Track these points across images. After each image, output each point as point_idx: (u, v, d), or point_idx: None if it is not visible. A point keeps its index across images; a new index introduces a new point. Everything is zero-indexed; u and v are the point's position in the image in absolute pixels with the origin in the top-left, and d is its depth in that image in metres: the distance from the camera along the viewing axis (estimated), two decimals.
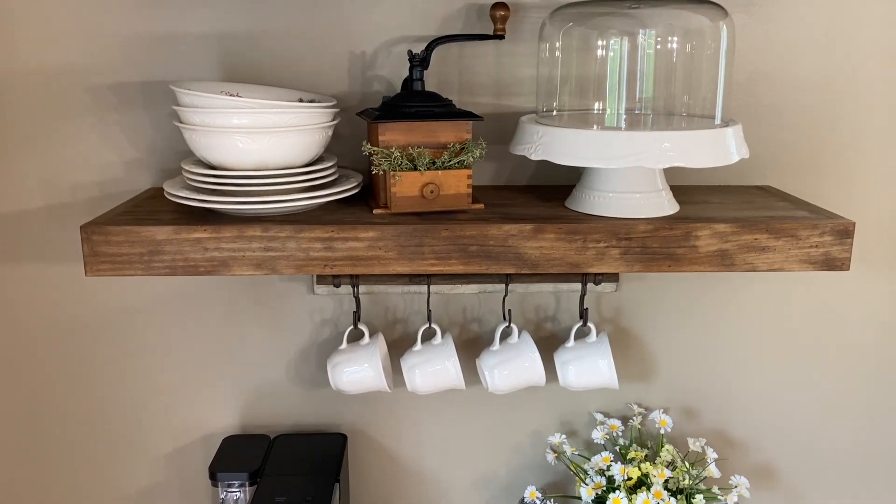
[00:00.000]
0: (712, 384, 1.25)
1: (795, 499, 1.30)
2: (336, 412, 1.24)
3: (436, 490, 1.28)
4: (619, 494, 1.05)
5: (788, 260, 0.94)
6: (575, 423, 1.26)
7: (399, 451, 1.26)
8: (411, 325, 1.21)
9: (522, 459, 1.27)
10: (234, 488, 1.10)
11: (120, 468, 1.25)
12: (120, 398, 1.23)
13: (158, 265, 0.92)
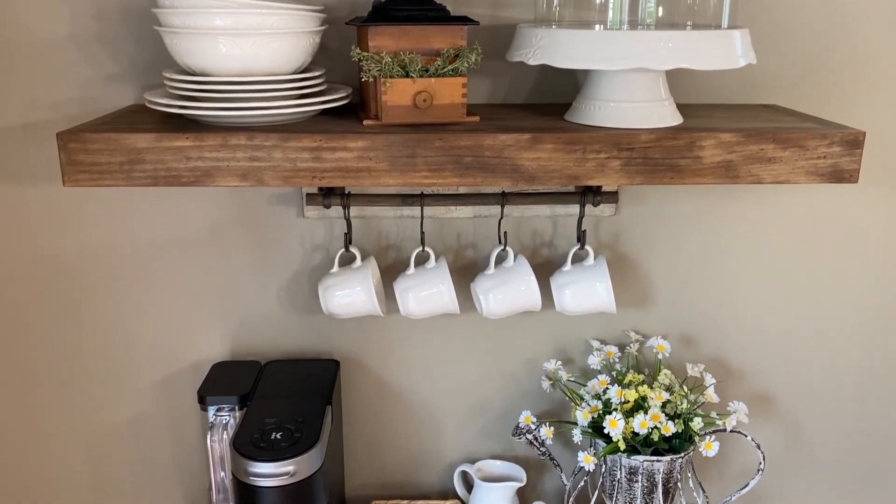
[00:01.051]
0: (711, 312, 1.23)
1: (793, 427, 1.29)
2: (328, 339, 1.22)
3: (429, 418, 1.27)
4: (615, 416, 1.03)
5: (795, 172, 0.91)
6: (570, 350, 1.24)
7: (392, 378, 1.25)
8: (404, 250, 1.18)
9: (517, 387, 1.26)
10: (224, 412, 1.08)
11: (108, 397, 1.23)
12: (106, 326, 1.20)
13: (139, 175, 0.89)
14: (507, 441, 1.28)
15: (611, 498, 1.14)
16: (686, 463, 1.11)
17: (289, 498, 0.94)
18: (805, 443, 1.30)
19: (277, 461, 0.92)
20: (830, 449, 1.31)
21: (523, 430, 1.17)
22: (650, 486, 1.10)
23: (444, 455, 1.29)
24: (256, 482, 0.93)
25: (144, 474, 1.27)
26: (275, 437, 0.96)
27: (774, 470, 1.31)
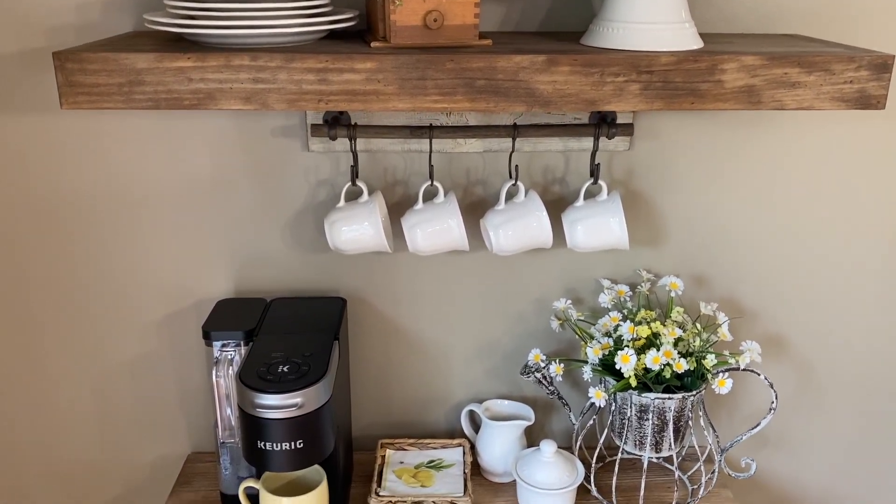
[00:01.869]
0: (725, 251, 1.20)
1: (805, 370, 1.28)
2: (334, 277, 1.20)
3: (437, 357, 1.26)
4: (627, 352, 1.02)
5: (819, 97, 0.87)
6: (581, 290, 1.22)
7: (399, 317, 1.23)
8: (412, 186, 1.15)
9: (526, 327, 1.24)
10: (229, 348, 1.06)
11: (111, 336, 1.22)
12: (108, 264, 1.18)
13: (139, 97, 0.85)
14: (514, 381, 1.27)
15: (620, 437, 1.13)
16: (697, 402, 1.10)
17: (296, 431, 0.92)
18: (816, 386, 1.29)
19: (284, 393, 0.91)
20: (842, 393, 1.29)
21: (532, 368, 1.16)
22: (661, 425, 1.09)
23: (452, 395, 1.28)
24: (263, 414, 0.91)
25: (149, 413, 1.26)
26: (281, 371, 0.95)
27: (784, 413, 1.30)
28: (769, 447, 1.32)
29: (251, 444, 0.94)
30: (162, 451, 1.29)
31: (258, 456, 0.94)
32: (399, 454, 1.21)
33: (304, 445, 0.93)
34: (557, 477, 1.10)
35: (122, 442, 1.28)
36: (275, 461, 0.94)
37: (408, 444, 1.23)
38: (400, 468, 1.18)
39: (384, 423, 1.29)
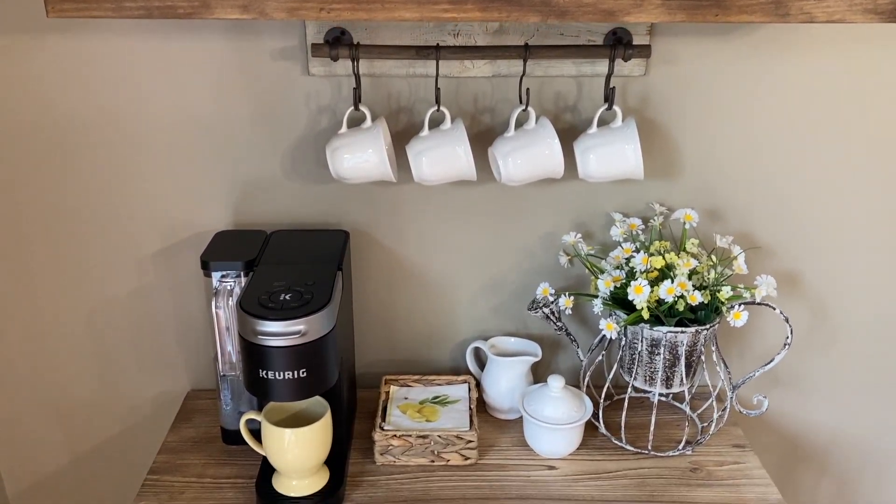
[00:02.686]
0: (741, 185, 1.16)
1: (819, 309, 1.25)
2: (336, 210, 1.16)
3: (442, 294, 1.22)
4: (641, 282, 0.98)
5: (852, 9, 0.82)
6: (591, 224, 1.18)
7: (403, 252, 1.19)
8: (416, 114, 1.11)
9: (533, 263, 1.20)
10: (229, 279, 1.03)
11: (107, 269, 1.18)
12: (103, 195, 1.14)
13: (131, 5, 0.80)
14: (521, 318, 1.24)
15: (629, 373, 1.11)
16: (710, 336, 1.07)
17: (299, 360, 0.89)
18: (830, 325, 1.26)
19: (287, 320, 0.88)
20: (855, 332, 1.26)
21: (540, 302, 1.13)
22: (672, 360, 1.06)
23: (457, 332, 1.25)
24: (265, 342, 0.88)
25: (147, 348, 1.24)
26: (284, 299, 0.91)
27: (797, 352, 1.27)
28: (780, 387, 1.30)
29: (253, 373, 0.91)
30: (161, 389, 1.26)
31: (260, 386, 0.91)
32: (403, 390, 1.19)
33: (307, 375, 0.90)
34: (565, 412, 1.08)
35: (121, 379, 1.26)
36: (277, 391, 0.91)
37: (412, 380, 1.21)
38: (404, 403, 1.15)
39: (388, 361, 1.27)
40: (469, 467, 1.08)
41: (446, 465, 1.08)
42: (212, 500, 1.02)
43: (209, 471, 1.08)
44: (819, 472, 1.36)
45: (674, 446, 1.12)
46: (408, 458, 1.08)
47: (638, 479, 1.06)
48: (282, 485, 0.99)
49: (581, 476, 1.07)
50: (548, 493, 1.03)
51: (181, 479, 1.06)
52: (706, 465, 1.09)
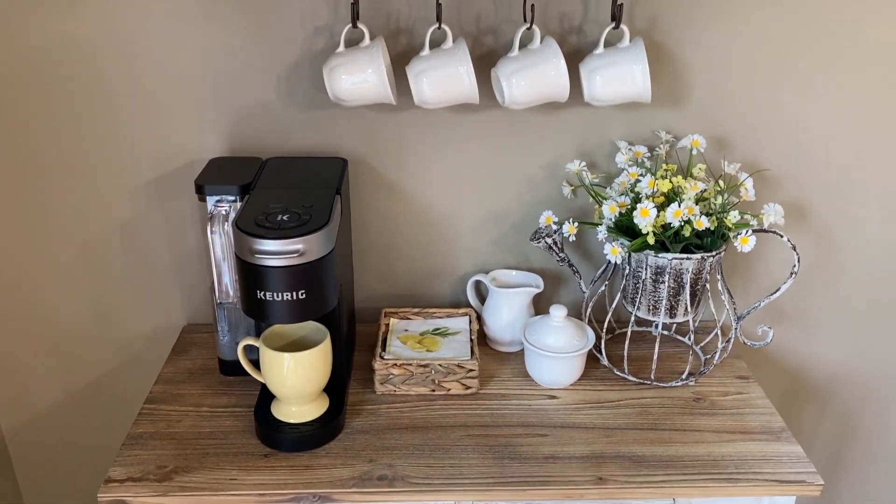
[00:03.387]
0: (749, 112, 1.13)
1: (825, 242, 1.23)
2: (334, 137, 1.13)
3: (443, 226, 1.20)
4: (647, 204, 0.96)
5: None
6: (595, 153, 1.15)
7: (404, 183, 1.16)
8: (416, 35, 1.07)
9: (535, 194, 1.18)
10: (224, 204, 1.00)
11: (99, 199, 1.15)
12: (94, 123, 1.10)
13: None
14: (522, 252, 1.22)
15: (632, 303, 1.09)
16: (716, 264, 1.05)
17: (297, 280, 0.87)
18: (836, 258, 1.24)
19: (285, 239, 0.85)
20: (861, 266, 1.25)
21: (542, 232, 1.10)
22: (677, 288, 1.05)
23: (457, 266, 1.23)
24: (263, 262, 0.86)
25: (142, 281, 1.21)
26: (281, 219, 0.89)
27: (801, 286, 1.26)
28: (784, 322, 1.28)
29: (251, 295, 0.89)
30: (157, 323, 1.24)
31: (258, 308, 0.89)
32: (403, 323, 1.17)
33: (305, 296, 0.88)
34: (567, 341, 1.06)
35: (116, 313, 1.23)
36: (275, 313, 0.89)
37: (412, 313, 1.19)
38: (405, 335, 1.14)
39: (387, 296, 1.25)
40: (470, 396, 1.07)
41: (447, 395, 1.07)
42: (210, 428, 1.01)
43: (206, 400, 1.06)
44: (821, 406, 1.36)
45: (676, 378, 1.11)
46: (408, 388, 1.07)
47: (640, 408, 1.06)
48: (281, 411, 0.98)
49: (583, 405, 1.06)
50: (549, 421, 1.02)
51: (178, 408, 1.04)
52: (709, 396, 1.08)
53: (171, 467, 0.94)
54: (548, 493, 0.91)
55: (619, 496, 0.92)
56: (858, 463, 1.41)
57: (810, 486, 0.93)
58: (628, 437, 1.00)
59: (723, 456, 0.96)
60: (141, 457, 0.95)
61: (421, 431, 1.00)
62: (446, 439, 0.99)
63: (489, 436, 0.99)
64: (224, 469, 0.93)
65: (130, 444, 0.97)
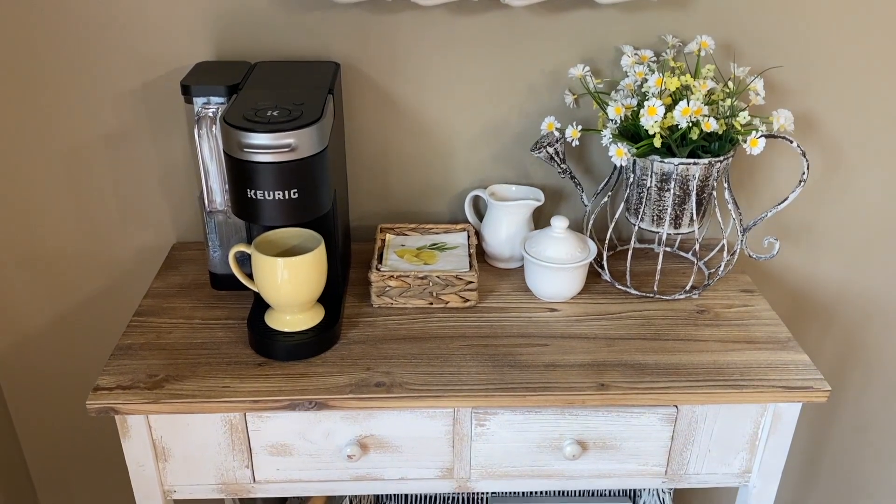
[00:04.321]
0: (758, 16, 1.08)
1: (834, 152, 1.19)
2: (325, 42, 1.08)
3: (440, 139, 1.16)
4: (655, 102, 0.92)
5: None
6: (599, 61, 1.11)
7: (399, 91, 1.12)
8: None
9: (537, 105, 1.13)
10: (212, 106, 0.96)
11: (84, 108, 1.10)
12: (75, 27, 1.05)
13: None
14: (522, 166, 1.18)
15: (636, 215, 1.06)
16: (723, 171, 1.02)
17: (289, 178, 0.83)
18: (844, 171, 1.21)
19: (275, 132, 0.81)
20: (869, 180, 1.21)
21: (544, 141, 1.06)
22: (682, 196, 1.01)
23: (455, 182, 1.19)
24: (253, 157, 0.82)
25: (130, 196, 1.17)
26: (271, 115, 0.84)
27: (808, 201, 1.22)
28: (789, 240, 1.25)
29: (240, 194, 0.85)
30: (146, 241, 1.21)
31: (249, 208, 0.86)
32: (400, 238, 1.14)
33: (298, 196, 0.84)
34: (568, 252, 1.03)
35: (103, 230, 1.20)
36: (266, 213, 0.85)
37: (409, 228, 1.16)
38: (401, 249, 1.11)
39: (383, 213, 1.21)
40: (468, 309, 1.05)
41: (445, 308, 1.05)
42: (201, 339, 0.98)
43: (198, 313, 1.03)
44: (825, 326, 1.34)
45: (680, 291, 1.08)
46: (405, 300, 1.04)
47: (642, 319, 1.03)
48: (275, 320, 0.95)
49: (584, 317, 1.03)
50: (549, 332, 1.00)
51: (168, 321, 1.01)
52: (713, 308, 1.06)
53: (162, 376, 0.91)
54: (549, 398, 0.89)
55: (621, 402, 0.90)
56: (859, 383, 1.40)
57: (817, 391, 0.91)
58: (631, 347, 0.97)
59: (728, 364, 0.94)
60: (130, 366, 0.93)
61: (419, 342, 0.98)
62: (445, 349, 0.96)
63: (489, 346, 0.97)
64: (217, 377, 0.91)
65: (119, 354, 0.95)
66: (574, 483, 0.99)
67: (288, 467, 0.95)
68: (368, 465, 0.96)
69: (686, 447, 0.97)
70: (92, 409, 0.87)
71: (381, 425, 0.93)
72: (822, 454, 1.48)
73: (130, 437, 0.91)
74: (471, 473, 0.97)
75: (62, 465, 1.40)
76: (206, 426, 0.92)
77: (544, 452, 0.96)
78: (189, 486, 0.96)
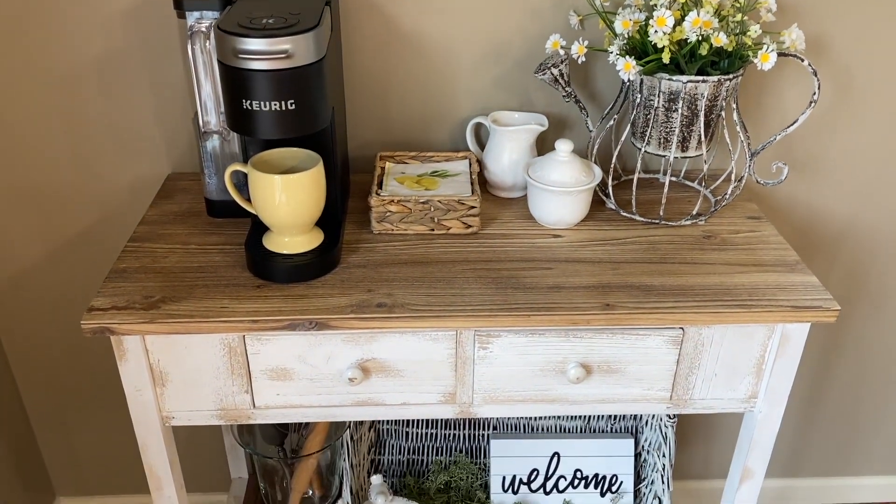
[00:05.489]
0: None
1: (844, 80, 1.16)
2: None
3: (441, 64, 1.12)
4: (664, 13, 0.89)
5: None
6: None
7: (398, 13, 1.08)
8: None
9: (540, 27, 1.10)
10: (205, 20, 0.92)
11: (72, 31, 1.07)
12: None
13: None
14: (525, 92, 1.15)
15: (642, 138, 1.03)
16: (732, 91, 0.99)
17: (285, 87, 0.80)
18: (854, 102, 1.18)
19: (271, 38, 0.78)
20: (879, 108, 1.19)
21: (549, 62, 1.03)
22: (691, 116, 0.99)
23: (456, 109, 1.16)
24: (247, 64, 0.79)
25: (122, 121, 1.14)
26: (266, 22, 0.81)
27: (816, 129, 1.20)
28: (796, 171, 1.23)
29: (236, 105, 0.82)
30: (140, 172, 1.18)
31: (245, 121, 0.83)
32: (400, 166, 1.11)
33: (295, 107, 0.82)
34: (573, 176, 1.01)
35: (96, 161, 1.17)
36: (262, 124, 0.82)
37: (409, 156, 1.13)
38: (401, 177, 1.08)
39: (382, 142, 1.18)
40: (470, 236, 1.02)
41: (447, 234, 1.02)
42: (198, 263, 0.96)
43: (194, 239, 1.01)
44: (830, 260, 1.32)
45: (686, 217, 1.06)
46: (406, 226, 1.02)
47: (648, 245, 1.01)
48: (273, 242, 0.93)
49: (588, 242, 1.01)
50: (553, 256, 0.98)
51: (164, 246, 0.99)
52: (720, 234, 1.04)
53: (159, 297, 0.89)
54: (553, 318, 0.88)
55: (626, 322, 0.89)
56: (863, 316, 1.39)
57: (827, 311, 0.89)
58: (636, 270, 0.95)
59: (735, 285, 0.93)
60: (125, 288, 0.91)
61: (420, 266, 0.96)
62: (447, 272, 0.94)
63: (492, 269, 0.95)
64: (214, 299, 0.89)
65: (114, 277, 0.93)
66: (578, 408, 0.98)
67: (288, 392, 0.94)
68: (370, 390, 0.95)
69: (692, 371, 0.95)
70: (87, 329, 0.85)
71: (382, 349, 0.92)
72: (827, 387, 1.47)
73: (127, 360, 0.90)
74: (473, 398, 0.96)
75: (58, 399, 1.39)
76: (204, 349, 0.90)
77: (548, 376, 0.95)
78: (187, 412, 0.95)
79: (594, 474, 1.34)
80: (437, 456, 1.40)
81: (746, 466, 1.04)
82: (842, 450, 1.56)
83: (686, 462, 1.55)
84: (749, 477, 1.05)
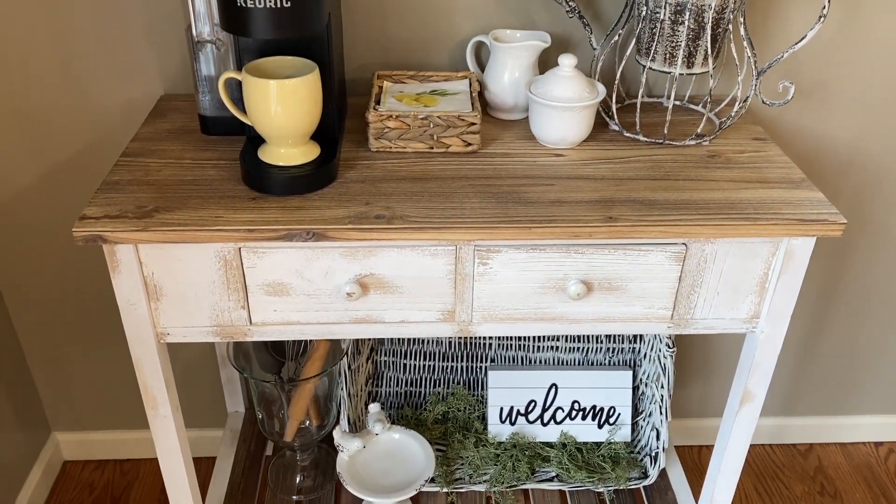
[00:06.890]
0: None
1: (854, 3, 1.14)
2: None
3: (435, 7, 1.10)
4: None
5: None
6: None
7: None
8: None
9: None
10: None
11: None
12: None
13: None
14: (527, 11, 1.12)
15: (647, 55, 1.01)
16: (740, 4, 0.96)
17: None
18: (862, 27, 1.15)
19: None
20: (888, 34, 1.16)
21: None
22: (697, 29, 0.96)
23: (455, 29, 1.13)
24: None
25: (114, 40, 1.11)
26: None
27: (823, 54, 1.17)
28: (801, 98, 1.21)
29: (229, 3, 0.79)
30: (132, 93, 1.15)
31: (238, 19, 0.80)
32: (398, 86, 1.09)
33: (290, 5, 0.79)
34: (576, 92, 0.98)
35: (87, 81, 1.13)
36: (257, 23, 0.80)
37: (407, 76, 1.10)
38: (400, 94, 1.05)
39: (380, 64, 1.15)
40: (470, 154, 1.00)
41: (446, 152, 1.00)
42: (192, 176, 0.94)
43: (188, 154, 0.99)
44: (833, 192, 1.30)
45: (691, 137, 1.04)
46: (404, 143, 1.00)
47: (652, 163, 0.99)
48: (269, 154, 0.91)
49: (591, 160, 1.00)
50: (555, 173, 0.96)
51: (158, 160, 0.97)
52: (725, 153, 1.02)
53: (152, 207, 0.87)
54: (554, 230, 0.86)
55: (629, 235, 0.87)
56: (867, 248, 1.37)
57: (833, 224, 0.88)
58: (640, 186, 0.94)
59: (740, 200, 0.91)
60: (118, 199, 0.89)
61: (419, 181, 0.94)
62: (447, 188, 0.92)
63: (492, 185, 0.93)
64: (209, 209, 0.87)
65: (106, 188, 0.90)
66: (578, 327, 0.97)
67: (285, 308, 0.93)
68: (368, 307, 0.93)
69: (694, 289, 0.94)
70: (78, 236, 0.83)
71: (381, 264, 0.90)
72: (828, 321, 1.47)
73: (120, 272, 0.88)
74: (472, 316, 0.95)
75: (54, 333, 1.38)
76: (199, 262, 0.88)
77: (548, 294, 0.93)
78: (183, 329, 0.93)
79: (592, 406, 1.34)
80: (435, 388, 1.40)
81: (747, 389, 1.03)
82: (840, 388, 1.56)
83: (685, 400, 1.55)
84: (749, 400, 1.04)
